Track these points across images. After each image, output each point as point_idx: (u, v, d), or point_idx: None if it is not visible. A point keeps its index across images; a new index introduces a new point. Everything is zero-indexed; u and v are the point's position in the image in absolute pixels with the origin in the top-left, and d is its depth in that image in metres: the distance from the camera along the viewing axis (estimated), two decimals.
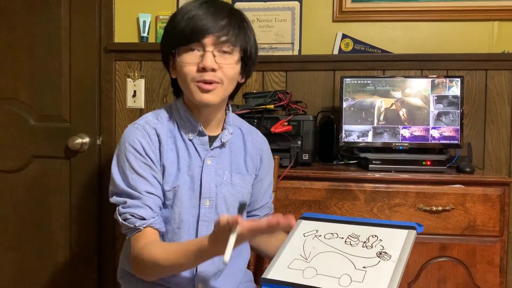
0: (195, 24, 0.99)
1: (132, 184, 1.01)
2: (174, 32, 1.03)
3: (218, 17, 1.01)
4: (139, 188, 1.00)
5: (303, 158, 1.60)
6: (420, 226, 0.93)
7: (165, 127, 1.08)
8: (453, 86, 1.64)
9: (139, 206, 1.00)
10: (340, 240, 0.97)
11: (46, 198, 1.95)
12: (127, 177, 1.01)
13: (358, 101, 1.67)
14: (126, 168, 1.02)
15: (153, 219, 1.01)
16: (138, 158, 1.02)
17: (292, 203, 1.53)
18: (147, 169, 1.02)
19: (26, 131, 1.95)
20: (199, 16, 0.99)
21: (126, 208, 1.00)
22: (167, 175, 1.05)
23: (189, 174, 1.07)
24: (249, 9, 1.94)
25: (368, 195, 1.49)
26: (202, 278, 1.08)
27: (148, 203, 1.00)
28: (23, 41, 1.94)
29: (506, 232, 1.46)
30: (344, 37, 1.91)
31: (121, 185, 1.02)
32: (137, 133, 1.04)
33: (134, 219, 0.99)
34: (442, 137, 1.63)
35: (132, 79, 1.96)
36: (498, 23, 1.86)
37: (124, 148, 1.03)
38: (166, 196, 1.06)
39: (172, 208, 1.06)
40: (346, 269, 0.89)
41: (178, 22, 1.02)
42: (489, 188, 1.45)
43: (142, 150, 1.02)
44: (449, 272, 1.47)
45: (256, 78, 1.95)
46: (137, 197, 1.00)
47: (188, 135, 1.08)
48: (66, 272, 1.96)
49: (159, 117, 1.09)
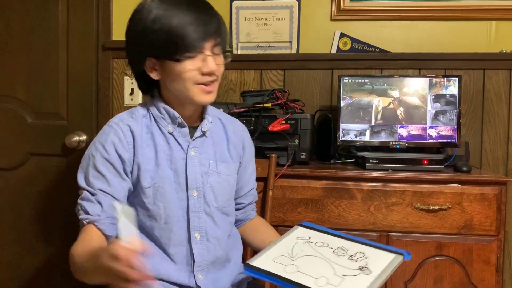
0: (195, 30, 0.97)
1: (90, 181, 1.01)
2: (171, 38, 0.97)
3: (212, 20, 1.01)
4: (95, 186, 1.01)
5: (300, 156, 1.60)
6: (408, 255, 0.97)
7: (140, 124, 1.08)
8: (450, 86, 1.64)
9: (90, 201, 1.00)
10: (329, 249, 1.02)
11: (43, 195, 1.95)
12: (88, 173, 1.02)
13: (356, 100, 1.67)
14: (90, 165, 1.03)
15: (97, 217, 0.99)
16: (104, 156, 1.03)
17: (289, 202, 1.53)
18: (110, 168, 1.03)
19: (23, 129, 1.95)
20: (195, 21, 0.98)
21: (80, 200, 1.02)
22: (143, 171, 1.04)
23: (172, 167, 1.07)
24: (247, 7, 1.94)
25: (365, 194, 1.49)
26: (201, 268, 1.09)
27: (101, 200, 1.00)
28: (20, 38, 1.93)
29: (503, 231, 1.46)
30: (342, 36, 1.91)
31: (80, 183, 1.03)
32: (110, 131, 1.05)
33: (81, 211, 1.01)
34: (440, 136, 1.63)
35: (130, 77, 1.95)
36: (496, 22, 1.86)
37: (93, 146, 1.06)
38: (146, 193, 1.05)
39: (155, 204, 1.05)
40: (325, 273, 0.93)
41: (173, 28, 0.97)
42: (486, 187, 1.46)
43: (112, 147, 1.03)
44: (445, 271, 1.47)
45: (254, 77, 1.95)
46: (92, 193, 1.01)
47: (167, 128, 1.08)
48: (62, 270, 1.96)
49: (133, 115, 1.09)
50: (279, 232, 1.53)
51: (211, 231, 1.11)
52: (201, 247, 1.09)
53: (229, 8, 1.94)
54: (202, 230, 1.09)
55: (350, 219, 1.50)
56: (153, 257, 1.05)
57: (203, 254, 1.09)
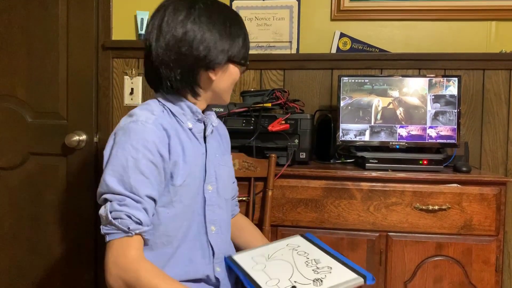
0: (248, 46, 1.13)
1: (134, 185, 0.92)
2: (245, 45, 1.09)
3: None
4: (141, 192, 0.92)
5: (300, 156, 1.60)
6: (373, 279, 1.00)
7: (167, 121, 1.04)
8: (450, 86, 1.64)
9: (137, 209, 0.92)
10: (304, 258, 1.10)
11: (43, 195, 1.95)
12: (129, 178, 0.92)
13: (356, 100, 1.67)
14: (129, 168, 0.92)
15: (147, 227, 0.93)
16: (148, 158, 0.94)
17: (289, 202, 1.53)
18: (154, 170, 0.95)
19: (23, 128, 1.95)
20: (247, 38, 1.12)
21: (123, 207, 0.91)
22: (177, 169, 1.01)
23: (195, 163, 1.07)
24: (247, 7, 1.94)
25: (365, 194, 1.49)
26: (219, 260, 1.11)
27: (147, 207, 0.94)
28: (20, 38, 1.93)
29: (502, 231, 1.46)
30: (342, 36, 1.91)
31: (118, 188, 0.92)
32: (145, 130, 0.96)
33: (130, 220, 0.90)
34: (439, 136, 1.64)
35: (130, 77, 1.95)
36: (496, 22, 1.86)
37: (129, 147, 0.94)
38: (176, 192, 1.01)
39: (181, 202, 1.02)
40: (282, 276, 1.02)
41: (246, 37, 1.09)
42: (486, 188, 1.46)
43: (155, 147, 0.96)
44: (445, 271, 1.48)
45: (254, 77, 1.95)
46: (137, 200, 0.92)
47: (187, 123, 1.07)
48: (62, 269, 1.96)
49: (154, 111, 1.03)
50: (279, 232, 1.54)
51: (224, 223, 1.14)
52: (217, 239, 1.11)
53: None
54: (216, 223, 1.11)
55: (350, 219, 1.50)
56: (178, 260, 1.04)
57: (220, 245, 1.11)
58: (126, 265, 0.88)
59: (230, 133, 1.48)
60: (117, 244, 0.90)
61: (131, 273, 0.87)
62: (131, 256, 0.89)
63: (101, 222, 0.93)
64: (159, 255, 1.01)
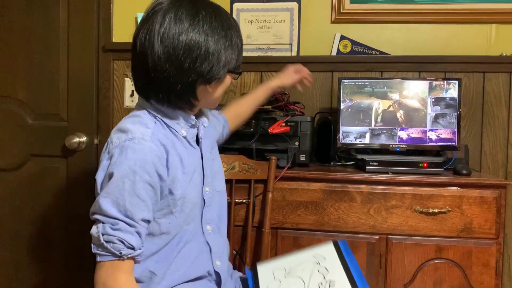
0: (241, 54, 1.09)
1: (129, 209, 0.89)
2: (241, 53, 1.06)
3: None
4: (135, 216, 0.90)
5: (300, 159, 1.61)
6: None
7: (161, 134, 0.99)
8: (450, 88, 1.64)
9: (130, 233, 0.89)
10: (321, 278, 1.08)
11: (43, 196, 1.95)
12: (124, 201, 0.89)
13: (356, 103, 1.67)
14: (125, 190, 0.89)
15: (139, 251, 0.92)
16: (145, 180, 0.91)
17: (289, 204, 1.53)
18: (150, 191, 0.93)
19: (23, 130, 1.95)
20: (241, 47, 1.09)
21: (116, 231, 0.88)
22: (176, 183, 0.98)
23: (194, 170, 1.05)
24: (247, 9, 1.95)
25: (365, 196, 1.49)
26: (218, 255, 1.12)
27: (140, 231, 0.91)
28: (21, 40, 1.94)
29: (502, 234, 1.46)
30: (342, 38, 1.91)
31: (112, 213, 0.89)
32: (143, 149, 0.92)
33: (123, 245, 0.88)
34: (439, 139, 1.64)
35: (130, 79, 1.96)
36: (496, 25, 1.86)
37: (125, 168, 0.90)
38: (176, 204, 0.99)
39: (182, 211, 1.01)
40: None
41: (242, 44, 1.06)
42: (486, 191, 1.46)
43: (153, 168, 0.92)
44: (445, 274, 1.47)
45: (254, 79, 1.95)
46: (131, 224, 0.90)
47: (181, 131, 1.04)
48: (62, 271, 1.96)
49: (148, 125, 0.98)
50: (279, 235, 1.54)
51: (218, 219, 1.15)
52: (213, 237, 1.11)
53: (230, 10, 1.95)
54: (212, 222, 1.12)
55: (350, 221, 1.50)
56: (181, 262, 1.05)
57: (216, 243, 1.12)
58: (108, 286, 0.88)
59: (230, 135, 1.48)
60: (108, 265, 0.89)
61: None
62: (121, 280, 0.89)
63: (92, 241, 0.91)
64: (162, 260, 1.01)
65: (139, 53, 0.98)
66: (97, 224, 0.91)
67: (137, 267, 0.97)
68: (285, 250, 1.53)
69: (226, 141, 1.48)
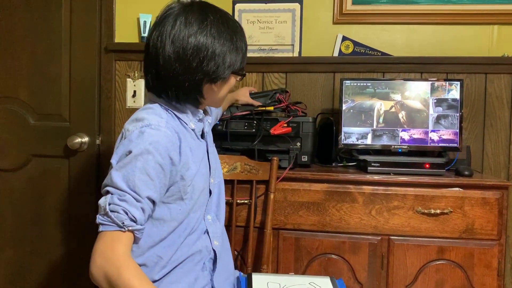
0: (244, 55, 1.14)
1: (137, 184, 0.94)
2: (245, 56, 1.13)
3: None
4: (142, 192, 0.95)
5: (302, 159, 1.61)
6: None
7: (174, 123, 1.07)
8: (452, 89, 1.64)
9: (135, 207, 0.94)
10: None
11: (45, 196, 1.95)
12: (134, 176, 0.94)
13: (358, 103, 1.67)
14: (136, 167, 0.95)
15: (140, 226, 0.96)
16: (157, 161, 0.97)
17: (291, 205, 1.53)
18: (160, 172, 0.98)
19: (25, 130, 1.95)
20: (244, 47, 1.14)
21: (122, 202, 0.93)
22: (187, 170, 1.05)
23: (202, 161, 1.13)
24: (249, 10, 1.95)
25: (367, 197, 1.49)
26: (217, 235, 1.17)
27: (144, 207, 0.96)
28: (23, 40, 1.94)
29: (504, 235, 1.46)
30: (344, 39, 1.91)
31: (120, 184, 0.95)
32: (159, 133, 0.99)
33: (126, 216, 0.93)
34: (441, 140, 1.63)
35: (132, 79, 1.96)
36: (498, 26, 1.86)
37: (140, 146, 0.97)
38: (186, 191, 1.06)
39: (192, 199, 1.08)
40: None
41: (246, 47, 1.13)
42: (488, 192, 1.46)
43: (166, 151, 0.99)
44: (447, 275, 1.47)
45: (256, 79, 1.95)
46: (137, 199, 0.95)
47: (190, 124, 1.11)
48: (63, 271, 1.96)
49: (162, 115, 1.05)
50: (280, 236, 1.54)
51: (217, 209, 1.21)
52: (212, 226, 1.17)
53: (232, 10, 1.95)
54: (211, 212, 1.18)
55: (352, 222, 1.50)
56: (184, 247, 1.10)
57: (214, 231, 1.17)
58: (112, 259, 0.91)
59: (232, 136, 1.49)
60: (108, 236, 0.93)
61: (114, 268, 0.90)
62: (119, 251, 0.92)
63: (98, 211, 0.95)
64: (170, 245, 1.07)
65: (151, 53, 1.06)
66: (106, 196, 0.96)
67: (146, 252, 1.04)
68: (287, 250, 1.53)
69: (228, 141, 1.51)
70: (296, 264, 1.53)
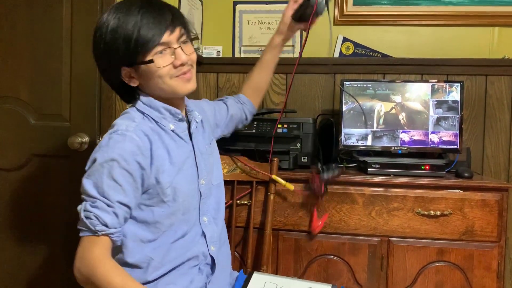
0: (149, 28, 1.01)
1: (106, 190, 0.97)
2: (131, 44, 1.02)
3: (164, 13, 1.04)
4: (111, 197, 0.97)
5: (302, 160, 1.61)
6: None
7: (147, 127, 1.06)
8: (453, 91, 1.64)
9: (107, 212, 0.97)
10: None
11: (45, 196, 1.95)
12: (102, 183, 0.98)
13: (358, 105, 1.67)
14: (104, 174, 0.98)
15: (114, 230, 0.98)
16: (123, 167, 0.99)
17: (291, 206, 1.53)
18: (129, 179, 1.00)
19: (26, 130, 1.95)
20: (146, 20, 1.02)
21: (94, 208, 0.97)
22: (161, 173, 1.04)
23: (184, 162, 1.10)
24: (250, 11, 1.95)
25: (367, 198, 1.49)
26: (213, 240, 1.16)
27: (117, 212, 0.98)
28: (24, 40, 1.94)
29: (504, 237, 1.46)
30: (344, 40, 1.91)
31: (91, 192, 0.98)
32: (124, 139, 1.01)
33: (97, 222, 0.96)
34: (441, 141, 1.64)
35: None
36: (499, 28, 1.86)
37: (105, 154, 1.00)
38: (166, 193, 1.05)
39: (175, 201, 1.07)
40: None
41: (130, 33, 1.01)
42: (488, 194, 1.46)
43: (131, 157, 1.00)
44: (446, 277, 1.47)
45: None
46: (108, 204, 0.98)
47: (169, 126, 1.09)
48: (64, 272, 1.96)
49: (135, 119, 1.06)
50: (280, 236, 1.54)
51: (214, 211, 1.19)
52: (209, 227, 1.16)
53: (232, 11, 1.95)
54: (208, 213, 1.17)
55: (351, 223, 1.50)
56: (178, 248, 1.10)
57: (212, 232, 1.16)
58: (88, 261, 0.95)
59: (232, 137, 1.49)
60: (86, 241, 0.98)
61: (90, 267, 0.94)
62: (94, 253, 0.96)
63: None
64: (160, 246, 1.07)
65: None
66: (82, 202, 1.00)
67: (136, 253, 1.05)
68: (287, 251, 1.53)
69: (229, 141, 1.49)
70: (296, 265, 1.53)
